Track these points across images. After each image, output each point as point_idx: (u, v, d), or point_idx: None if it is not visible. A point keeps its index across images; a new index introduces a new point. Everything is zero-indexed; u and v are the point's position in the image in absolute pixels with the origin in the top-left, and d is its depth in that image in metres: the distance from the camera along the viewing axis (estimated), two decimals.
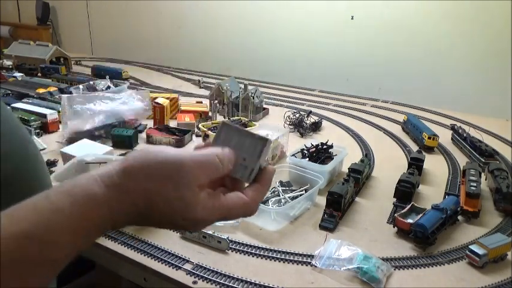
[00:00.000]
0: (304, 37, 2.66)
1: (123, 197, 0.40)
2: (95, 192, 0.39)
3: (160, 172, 0.41)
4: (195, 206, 0.41)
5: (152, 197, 0.40)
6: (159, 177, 0.41)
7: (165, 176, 0.41)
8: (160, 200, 0.40)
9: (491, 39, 2.11)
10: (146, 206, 0.40)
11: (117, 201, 0.39)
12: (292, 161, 1.20)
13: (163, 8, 3.21)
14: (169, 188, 0.40)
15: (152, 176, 0.40)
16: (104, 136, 1.45)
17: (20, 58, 2.52)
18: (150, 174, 0.40)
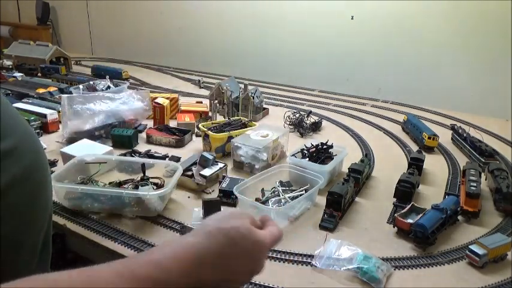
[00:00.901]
0: (304, 37, 2.65)
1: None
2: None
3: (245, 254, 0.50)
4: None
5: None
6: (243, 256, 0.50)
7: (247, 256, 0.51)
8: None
9: (491, 40, 2.10)
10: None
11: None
12: (292, 161, 1.20)
13: (164, 8, 3.21)
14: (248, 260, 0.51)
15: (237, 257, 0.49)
16: (104, 136, 1.45)
17: (20, 58, 2.52)
18: (235, 253, 0.49)
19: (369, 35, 2.43)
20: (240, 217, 0.52)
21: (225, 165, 1.21)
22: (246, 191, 1.03)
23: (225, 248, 0.47)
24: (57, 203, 1.04)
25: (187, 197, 1.10)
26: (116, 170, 1.17)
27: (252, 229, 0.52)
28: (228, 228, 0.48)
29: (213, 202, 0.98)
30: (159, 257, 0.43)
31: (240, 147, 1.25)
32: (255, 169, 1.24)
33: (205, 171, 1.14)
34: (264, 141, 1.25)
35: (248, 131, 1.34)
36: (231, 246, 0.48)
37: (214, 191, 1.13)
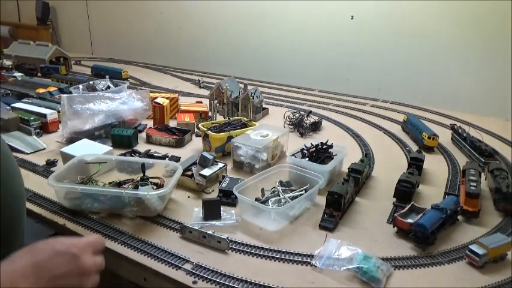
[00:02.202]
0: (304, 37, 2.66)
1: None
2: None
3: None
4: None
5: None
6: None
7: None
8: None
9: (491, 39, 2.11)
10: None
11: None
12: (292, 161, 1.20)
13: (164, 8, 3.21)
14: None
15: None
16: (103, 136, 1.45)
17: (19, 58, 2.52)
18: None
19: (369, 35, 2.43)
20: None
21: (225, 165, 1.21)
22: (245, 191, 1.03)
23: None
24: (56, 202, 1.04)
25: (187, 197, 1.10)
26: (115, 170, 1.17)
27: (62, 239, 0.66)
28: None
29: (213, 202, 0.98)
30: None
31: (239, 147, 1.25)
32: (255, 169, 1.24)
33: (205, 171, 1.14)
34: (264, 141, 1.25)
35: (248, 131, 1.34)
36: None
37: (214, 191, 1.13)
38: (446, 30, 2.21)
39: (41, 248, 0.62)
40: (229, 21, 2.93)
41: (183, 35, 3.18)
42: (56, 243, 0.64)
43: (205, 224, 0.95)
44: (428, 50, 2.28)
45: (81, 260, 0.64)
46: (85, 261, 0.64)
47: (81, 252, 0.64)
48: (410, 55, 2.34)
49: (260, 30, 2.81)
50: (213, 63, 2.96)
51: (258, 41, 2.84)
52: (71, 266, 0.62)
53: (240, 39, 2.92)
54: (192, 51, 3.14)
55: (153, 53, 3.25)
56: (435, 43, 2.25)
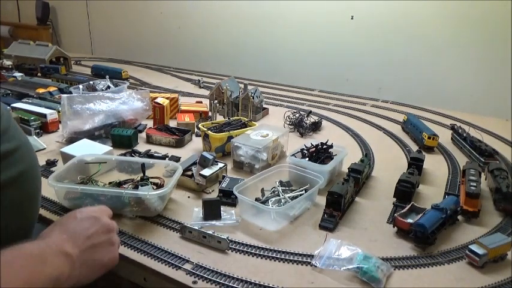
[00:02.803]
0: (304, 37, 2.66)
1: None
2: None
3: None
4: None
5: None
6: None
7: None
8: None
9: (491, 39, 2.11)
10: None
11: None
12: (292, 161, 1.20)
13: (164, 8, 3.21)
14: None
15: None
16: (103, 136, 1.45)
17: (19, 58, 2.52)
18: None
19: (369, 35, 2.43)
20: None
21: (225, 165, 1.21)
22: (245, 191, 1.03)
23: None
24: (57, 203, 1.04)
25: (187, 197, 1.10)
26: (115, 170, 1.17)
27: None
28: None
29: (213, 202, 0.98)
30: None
31: (239, 147, 1.25)
32: (255, 169, 1.24)
33: (205, 171, 1.14)
34: (264, 141, 1.26)
35: (248, 131, 1.34)
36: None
37: (214, 191, 1.13)
38: (446, 30, 2.21)
39: (66, 220, 0.71)
40: (229, 21, 2.93)
41: (183, 35, 3.18)
42: (76, 212, 0.73)
43: (205, 224, 0.95)
44: (428, 50, 2.29)
45: (102, 220, 0.73)
46: (106, 220, 0.74)
47: (99, 215, 0.74)
48: (410, 55, 2.34)
49: (260, 30, 2.81)
50: (213, 63, 2.96)
51: (258, 41, 2.84)
52: (97, 225, 0.71)
53: (240, 39, 2.92)
54: (192, 51, 3.14)
55: (153, 53, 3.25)
56: (435, 43, 2.25)
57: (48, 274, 0.59)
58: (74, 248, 0.65)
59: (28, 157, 0.74)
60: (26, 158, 0.73)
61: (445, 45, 2.23)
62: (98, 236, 0.71)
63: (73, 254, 0.65)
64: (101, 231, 0.71)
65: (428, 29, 2.25)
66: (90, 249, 0.68)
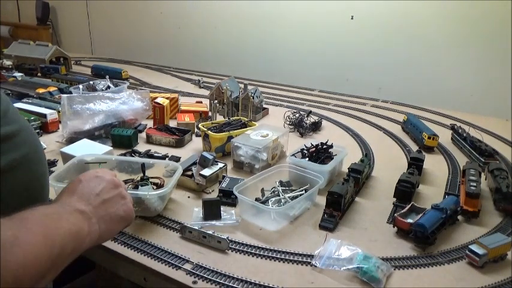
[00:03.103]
0: (304, 37, 2.66)
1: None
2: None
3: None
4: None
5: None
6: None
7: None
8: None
9: (491, 39, 2.11)
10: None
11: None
12: (292, 161, 1.20)
13: (164, 8, 3.21)
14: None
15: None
16: (103, 136, 1.45)
17: (19, 58, 2.52)
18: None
19: (368, 35, 2.43)
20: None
21: (225, 165, 1.21)
22: (245, 191, 1.03)
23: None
24: None
25: (187, 197, 1.10)
26: (115, 170, 1.17)
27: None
28: None
29: (213, 202, 0.98)
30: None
31: (239, 147, 1.25)
32: (255, 169, 1.24)
33: (205, 171, 1.14)
34: (264, 141, 1.26)
35: (248, 131, 1.34)
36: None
37: (214, 191, 1.13)
38: (447, 30, 2.21)
39: (71, 185, 0.71)
40: (229, 21, 2.93)
41: (183, 35, 3.18)
42: (81, 176, 0.73)
43: (205, 224, 0.96)
44: (428, 50, 2.28)
45: (107, 177, 0.74)
46: (110, 177, 0.75)
47: (103, 174, 0.75)
48: (411, 55, 2.34)
49: (260, 30, 2.81)
50: (213, 63, 2.96)
51: (258, 41, 2.84)
52: (103, 183, 0.73)
53: (240, 39, 2.92)
54: (192, 51, 3.14)
55: (153, 53, 3.25)
56: (435, 43, 2.25)
57: (67, 229, 0.59)
58: (87, 205, 0.67)
59: (31, 140, 0.73)
60: (28, 141, 0.72)
61: (445, 45, 2.23)
62: (107, 192, 0.72)
63: (87, 211, 0.66)
64: (109, 187, 0.73)
65: (428, 29, 2.25)
66: (102, 204, 0.69)
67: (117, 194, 0.74)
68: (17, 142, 0.68)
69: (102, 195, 0.70)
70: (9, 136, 0.66)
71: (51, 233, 0.56)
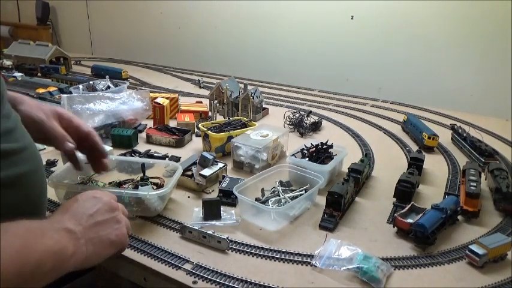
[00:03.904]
0: (304, 37, 2.66)
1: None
2: None
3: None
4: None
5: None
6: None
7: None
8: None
9: (491, 39, 2.11)
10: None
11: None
12: (292, 161, 1.20)
13: (164, 8, 3.21)
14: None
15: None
16: (104, 136, 1.45)
17: (19, 58, 2.52)
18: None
19: (369, 35, 2.43)
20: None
21: (225, 165, 1.21)
22: (245, 191, 1.03)
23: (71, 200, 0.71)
24: (57, 202, 1.04)
25: (187, 197, 1.10)
26: (115, 170, 1.17)
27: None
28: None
29: (213, 202, 0.98)
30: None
31: (239, 147, 1.25)
32: (255, 169, 1.24)
33: (205, 171, 1.14)
34: (264, 141, 1.26)
35: (248, 131, 1.34)
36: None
37: (214, 191, 1.13)
38: (447, 30, 2.21)
39: (68, 203, 0.71)
40: (229, 21, 2.93)
41: (183, 35, 3.19)
42: (78, 196, 0.73)
43: (205, 224, 0.96)
44: (428, 50, 2.29)
45: (104, 199, 0.73)
46: (108, 199, 0.73)
47: (101, 195, 0.74)
48: (411, 55, 2.34)
49: (260, 30, 2.82)
50: (213, 63, 2.96)
51: (258, 41, 2.85)
52: (99, 205, 0.71)
53: (240, 39, 2.92)
54: (192, 51, 3.14)
55: (153, 53, 3.25)
56: (435, 43, 2.26)
57: (49, 246, 0.58)
58: (77, 225, 0.65)
59: (34, 158, 0.74)
60: (31, 159, 0.72)
61: (445, 45, 2.23)
62: (102, 214, 0.70)
63: (76, 230, 0.64)
64: (104, 209, 0.71)
65: (428, 29, 2.25)
66: (94, 226, 0.68)
67: (112, 217, 0.72)
68: (20, 159, 0.68)
69: (95, 217, 0.69)
70: (13, 152, 0.67)
71: (28, 248, 0.55)
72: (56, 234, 0.61)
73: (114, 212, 0.73)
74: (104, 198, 0.73)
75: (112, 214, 0.72)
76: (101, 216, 0.70)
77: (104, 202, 0.72)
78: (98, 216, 0.69)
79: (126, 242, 0.74)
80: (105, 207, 0.72)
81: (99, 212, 0.70)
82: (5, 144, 0.65)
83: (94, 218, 0.69)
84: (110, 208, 0.72)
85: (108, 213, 0.71)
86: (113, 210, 0.73)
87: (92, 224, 0.68)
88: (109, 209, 0.72)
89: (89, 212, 0.69)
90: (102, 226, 0.69)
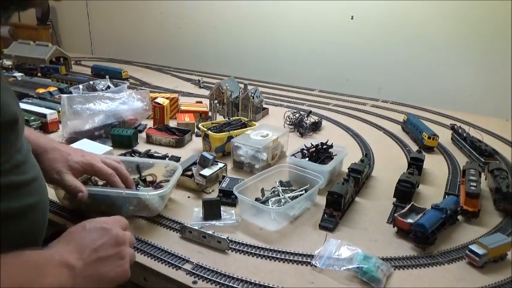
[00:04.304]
0: (304, 37, 2.66)
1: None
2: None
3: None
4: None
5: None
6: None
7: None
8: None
9: (491, 39, 2.11)
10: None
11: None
12: (292, 161, 1.20)
13: (164, 8, 3.21)
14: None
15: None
16: (103, 136, 1.45)
17: (19, 58, 2.51)
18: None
19: (369, 35, 2.43)
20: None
21: (225, 165, 1.21)
22: (245, 191, 1.03)
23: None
24: (56, 202, 1.04)
25: (187, 197, 1.10)
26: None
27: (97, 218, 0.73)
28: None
29: (213, 202, 0.98)
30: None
31: (239, 147, 1.25)
32: (255, 169, 1.24)
33: (205, 171, 1.14)
34: (264, 141, 1.26)
35: (248, 131, 1.34)
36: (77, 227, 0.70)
37: (214, 191, 1.13)
38: (447, 30, 2.21)
39: (74, 231, 0.68)
40: (229, 21, 2.93)
41: (183, 35, 3.18)
42: (86, 223, 0.70)
43: (205, 224, 0.96)
44: (428, 50, 2.29)
45: (113, 231, 0.69)
46: (116, 232, 0.70)
47: (110, 226, 0.70)
48: (411, 55, 2.34)
49: (260, 30, 2.82)
50: (213, 63, 2.96)
51: (258, 41, 2.84)
52: (106, 237, 0.68)
53: (240, 39, 2.92)
54: (192, 51, 3.14)
55: (153, 53, 3.25)
56: (435, 43, 2.25)
57: (47, 285, 0.57)
58: (79, 260, 0.63)
59: (41, 191, 0.73)
60: (39, 191, 0.72)
61: (445, 45, 2.23)
62: (106, 249, 0.67)
63: (76, 267, 0.62)
64: (110, 243, 0.68)
65: (428, 29, 2.25)
66: (95, 262, 0.65)
67: (117, 252, 0.68)
68: (27, 191, 0.68)
69: (99, 252, 0.66)
70: (22, 185, 0.67)
71: (28, 285, 0.55)
72: (56, 269, 0.60)
73: (120, 246, 0.69)
74: (112, 231, 0.69)
75: (117, 249, 0.69)
76: (104, 252, 0.67)
77: (112, 235, 0.69)
78: (102, 251, 0.66)
79: (126, 277, 0.71)
80: (112, 241, 0.68)
81: (104, 247, 0.67)
82: (14, 176, 0.65)
83: (97, 253, 0.66)
84: (116, 242, 0.69)
85: (113, 247, 0.68)
86: (119, 245, 0.69)
87: (94, 259, 0.65)
88: (115, 243, 0.69)
89: (93, 246, 0.66)
90: (104, 263, 0.66)
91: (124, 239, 0.70)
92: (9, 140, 0.64)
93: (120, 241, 0.69)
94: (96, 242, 0.66)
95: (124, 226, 0.74)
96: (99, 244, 0.66)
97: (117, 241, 0.69)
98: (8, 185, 0.64)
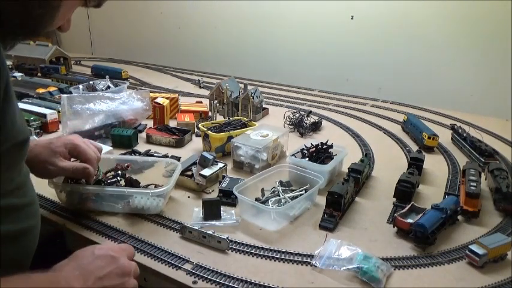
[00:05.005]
0: (304, 37, 2.65)
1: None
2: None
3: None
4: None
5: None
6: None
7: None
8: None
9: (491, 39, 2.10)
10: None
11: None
12: (292, 161, 1.20)
13: (164, 8, 3.21)
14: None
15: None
16: (104, 136, 1.45)
17: (19, 58, 2.51)
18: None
19: (369, 35, 2.43)
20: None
21: (225, 165, 1.21)
22: (245, 191, 1.03)
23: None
24: (56, 202, 1.04)
25: (187, 197, 1.10)
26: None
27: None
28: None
29: (213, 202, 0.98)
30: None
31: (239, 147, 1.25)
32: (255, 169, 1.24)
33: (205, 171, 1.14)
34: (264, 141, 1.26)
35: (248, 131, 1.34)
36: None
37: (214, 191, 1.13)
38: (447, 30, 2.21)
39: (83, 255, 0.68)
40: (229, 21, 2.93)
41: (183, 35, 3.18)
42: (95, 249, 0.70)
43: (205, 224, 0.96)
44: (428, 50, 2.28)
45: (120, 261, 0.69)
46: (123, 262, 0.70)
47: (118, 255, 0.70)
48: (411, 55, 2.34)
49: (260, 30, 2.81)
50: (213, 63, 2.96)
51: (258, 41, 2.84)
52: (112, 266, 0.68)
53: (240, 39, 2.92)
54: (192, 51, 3.14)
55: (153, 53, 3.25)
56: (435, 43, 2.25)
57: None
58: (83, 285, 0.63)
59: (35, 215, 0.75)
60: (33, 216, 0.74)
61: (445, 45, 2.23)
62: (111, 279, 0.67)
63: None
64: (116, 272, 0.68)
65: (428, 29, 2.25)
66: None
67: (121, 283, 0.68)
68: (24, 215, 0.70)
69: (103, 281, 0.66)
70: (20, 208, 0.69)
71: None
72: None
73: (125, 277, 0.69)
74: (119, 261, 0.69)
75: (122, 280, 0.68)
76: (109, 281, 0.66)
77: (118, 265, 0.69)
78: (107, 280, 0.66)
79: None
80: (117, 271, 0.68)
81: (110, 276, 0.67)
82: (15, 199, 0.67)
83: (102, 282, 0.65)
84: (122, 273, 0.69)
85: (118, 278, 0.68)
86: (124, 276, 0.69)
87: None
88: (121, 273, 0.69)
89: (99, 274, 0.66)
90: None
91: (130, 270, 0.70)
92: (17, 160, 0.66)
93: (125, 272, 0.69)
94: (103, 270, 0.66)
95: (130, 255, 0.74)
96: (105, 273, 0.66)
97: (123, 272, 0.69)
98: (9, 207, 0.66)
